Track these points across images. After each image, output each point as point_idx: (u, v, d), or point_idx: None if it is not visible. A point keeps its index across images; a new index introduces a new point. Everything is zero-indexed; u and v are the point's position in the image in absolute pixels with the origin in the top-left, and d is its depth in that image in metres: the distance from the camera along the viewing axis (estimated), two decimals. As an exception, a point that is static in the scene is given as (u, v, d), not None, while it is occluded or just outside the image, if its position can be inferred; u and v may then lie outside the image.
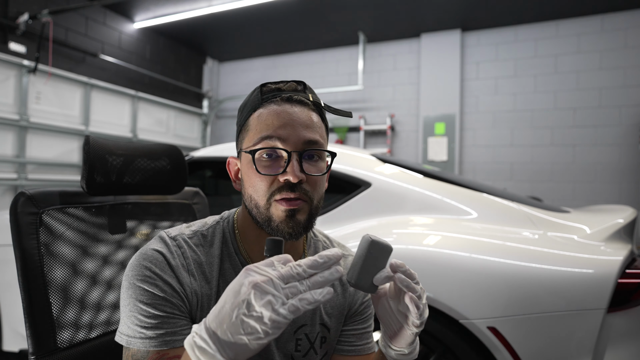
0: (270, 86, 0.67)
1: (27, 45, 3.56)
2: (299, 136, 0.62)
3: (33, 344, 0.76)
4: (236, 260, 0.69)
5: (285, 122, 0.62)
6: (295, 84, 0.67)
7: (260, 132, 0.63)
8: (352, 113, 0.70)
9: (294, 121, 0.63)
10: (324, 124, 0.69)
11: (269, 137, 0.62)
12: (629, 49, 3.92)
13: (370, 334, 0.81)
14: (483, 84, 4.46)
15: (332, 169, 1.70)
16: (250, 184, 0.65)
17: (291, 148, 0.62)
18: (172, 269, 0.62)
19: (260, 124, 0.64)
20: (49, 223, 0.83)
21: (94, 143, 0.88)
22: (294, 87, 0.67)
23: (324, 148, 0.66)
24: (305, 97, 0.66)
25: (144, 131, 4.66)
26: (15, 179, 3.45)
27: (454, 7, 3.99)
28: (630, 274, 1.20)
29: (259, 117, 0.64)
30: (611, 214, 1.60)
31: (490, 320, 1.23)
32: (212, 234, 0.70)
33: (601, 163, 3.99)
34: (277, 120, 0.62)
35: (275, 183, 0.62)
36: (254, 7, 4.00)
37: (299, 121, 0.63)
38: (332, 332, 0.76)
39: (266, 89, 0.66)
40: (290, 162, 0.61)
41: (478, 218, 1.50)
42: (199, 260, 0.66)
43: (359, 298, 0.79)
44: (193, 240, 0.68)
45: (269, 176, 0.62)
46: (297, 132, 0.62)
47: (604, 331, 1.17)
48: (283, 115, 0.63)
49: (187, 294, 0.63)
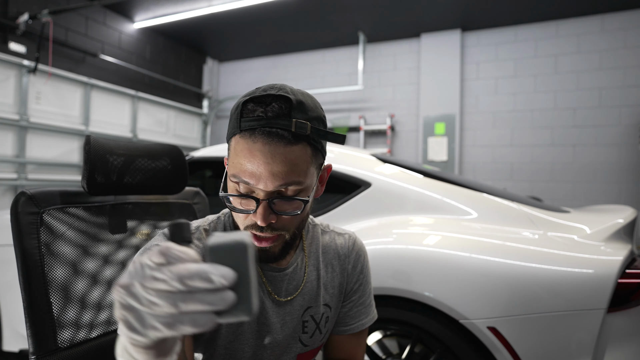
0: (250, 107, 0.59)
1: (27, 45, 3.56)
2: (268, 180, 0.58)
3: (33, 343, 0.76)
4: None
5: (256, 167, 0.58)
6: (278, 106, 0.58)
7: (234, 170, 0.61)
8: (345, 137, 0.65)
9: (268, 164, 0.57)
10: (311, 149, 0.61)
11: (240, 179, 0.60)
12: (629, 49, 3.92)
13: (365, 309, 0.83)
14: (483, 84, 4.46)
15: (332, 169, 1.70)
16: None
17: (262, 194, 0.59)
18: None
19: (235, 159, 0.60)
20: (50, 223, 0.83)
21: (94, 143, 0.88)
22: (277, 111, 0.58)
23: (303, 186, 0.61)
24: (287, 127, 0.57)
25: (144, 131, 4.66)
26: (15, 179, 3.45)
27: (454, 7, 3.99)
28: (630, 274, 1.20)
29: (235, 149, 0.60)
30: (611, 214, 1.60)
31: (490, 320, 1.23)
32: (214, 229, 0.72)
33: (601, 163, 3.99)
34: (249, 164, 0.58)
35: (250, 218, 0.62)
36: (254, 7, 4.00)
37: (274, 164, 0.57)
38: (333, 310, 0.79)
39: (246, 111, 0.59)
40: (259, 206, 0.59)
41: (478, 218, 1.50)
42: (202, 254, 0.67)
43: (355, 275, 0.82)
44: (195, 235, 0.69)
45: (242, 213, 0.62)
46: (269, 177, 0.58)
47: (604, 331, 1.17)
48: (256, 159, 0.58)
49: None
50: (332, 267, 0.80)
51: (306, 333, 0.75)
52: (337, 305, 0.80)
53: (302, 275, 0.76)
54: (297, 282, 0.75)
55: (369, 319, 0.83)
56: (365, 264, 0.84)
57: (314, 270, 0.78)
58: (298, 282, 0.75)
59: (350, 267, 0.81)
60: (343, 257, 0.81)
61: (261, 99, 0.59)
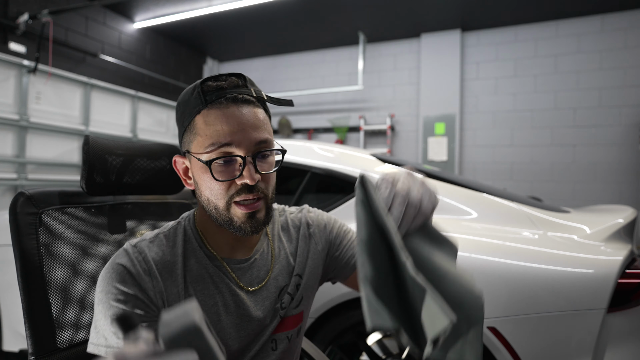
0: (210, 84, 0.64)
1: (27, 45, 3.56)
2: (250, 139, 0.63)
3: (33, 344, 0.76)
4: (201, 254, 0.71)
5: (235, 127, 0.62)
6: (236, 79, 0.65)
7: (211, 139, 0.62)
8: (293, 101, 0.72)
9: (244, 124, 0.62)
10: (268, 116, 0.69)
11: (221, 144, 0.62)
12: (629, 49, 3.91)
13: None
14: (483, 84, 4.46)
15: (333, 169, 1.70)
16: (206, 187, 0.65)
17: (244, 152, 0.63)
18: (135, 279, 0.63)
19: (209, 129, 0.63)
20: (49, 223, 0.83)
21: (93, 143, 0.88)
22: (236, 82, 0.65)
23: (273, 144, 0.67)
24: (249, 94, 0.65)
25: (144, 131, 4.66)
26: (15, 179, 3.45)
27: (454, 7, 3.99)
28: (630, 274, 1.20)
29: (206, 121, 0.63)
30: (611, 214, 1.60)
31: (490, 320, 1.23)
32: (174, 234, 0.72)
33: (601, 163, 3.99)
34: (226, 126, 0.62)
35: (233, 187, 0.64)
36: (254, 7, 4.00)
37: (248, 123, 0.63)
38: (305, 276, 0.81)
39: (207, 87, 0.64)
40: (245, 166, 0.63)
41: (478, 218, 1.50)
42: (163, 261, 0.67)
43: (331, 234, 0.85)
44: (155, 242, 0.69)
45: (227, 181, 0.63)
46: (248, 135, 0.62)
47: (604, 331, 1.17)
48: (232, 120, 0.62)
49: (151, 298, 0.64)
50: (291, 237, 0.82)
51: (284, 308, 0.77)
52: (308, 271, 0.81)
53: (270, 259, 0.77)
54: (267, 267, 0.76)
55: None
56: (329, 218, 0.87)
57: (281, 250, 0.80)
58: (268, 267, 0.76)
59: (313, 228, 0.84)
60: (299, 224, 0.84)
61: (217, 77, 0.65)
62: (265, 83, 5.53)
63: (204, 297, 0.68)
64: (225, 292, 0.70)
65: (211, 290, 0.69)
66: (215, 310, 0.69)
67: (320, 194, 1.77)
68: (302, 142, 1.97)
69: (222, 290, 0.70)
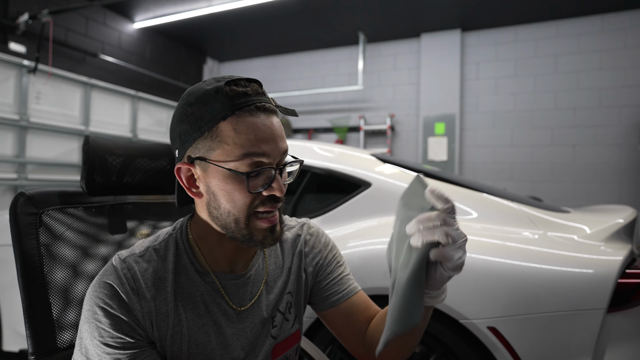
0: (235, 89, 0.60)
1: (27, 45, 3.56)
2: (279, 150, 0.62)
3: (33, 344, 0.76)
4: (191, 272, 0.68)
5: (268, 137, 0.61)
6: (257, 86, 0.63)
7: (243, 148, 0.59)
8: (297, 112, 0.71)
9: (274, 134, 0.61)
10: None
11: (256, 154, 0.60)
12: (629, 49, 3.92)
13: (349, 276, 0.83)
14: (483, 84, 4.46)
15: (333, 169, 1.70)
16: (229, 198, 0.62)
17: (274, 163, 0.62)
18: (122, 300, 0.62)
19: (239, 138, 0.59)
20: (49, 223, 0.83)
21: (93, 143, 0.88)
22: (257, 89, 0.63)
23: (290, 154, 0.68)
24: (270, 102, 0.63)
25: (144, 131, 4.66)
26: (15, 179, 3.45)
27: (454, 7, 3.99)
28: (630, 274, 1.20)
29: (236, 129, 0.59)
30: (611, 214, 1.60)
31: (490, 320, 1.23)
32: (165, 248, 0.69)
33: (601, 163, 3.99)
34: (261, 135, 0.60)
35: (258, 198, 0.62)
36: (254, 7, 4.00)
37: (277, 133, 0.62)
38: (295, 295, 0.79)
39: (232, 92, 0.60)
40: (275, 178, 0.61)
41: (478, 218, 1.50)
42: (153, 278, 0.65)
43: (325, 259, 0.82)
44: (145, 257, 0.66)
45: (256, 193, 0.61)
46: (277, 145, 0.62)
47: (604, 331, 1.17)
48: (265, 129, 0.61)
49: (138, 320, 0.62)
50: (286, 253, 0.80)
51: (275, 327, 0.75)
52: (299, 289, 0.80)
53: (263, 275, 0.76)
54: (260, 283, 0.74)
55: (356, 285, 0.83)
56: (327, 242, 0.85)
57: (276, 265, 0.78)
58: (260, 283, 0.75)
59: (308, 248, 0.82)
60: (297, 240, 0.82)
61: (236, 82, 0.62)
62: (266, 83, 5.53)
63: (193, 317, 0.66)
64: (216, 312, 0.68)
65: (201, 310, 0.67)
66: (205, 330, 0.67)
67: (320, 194, 1.77)
68: (302, 142, 1.98)
69: (211, 310, 0.68)
